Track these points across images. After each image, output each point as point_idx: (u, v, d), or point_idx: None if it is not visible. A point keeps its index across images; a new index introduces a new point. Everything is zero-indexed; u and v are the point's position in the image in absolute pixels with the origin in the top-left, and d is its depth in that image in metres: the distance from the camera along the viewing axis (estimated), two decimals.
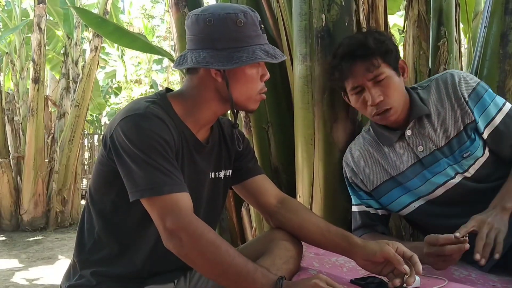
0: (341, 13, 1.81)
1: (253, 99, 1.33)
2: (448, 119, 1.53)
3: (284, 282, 1.12)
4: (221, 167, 1.43)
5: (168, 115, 1.27)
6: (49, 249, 5.04)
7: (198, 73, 1.31)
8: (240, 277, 1.12)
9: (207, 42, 1.26)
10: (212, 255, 1.13)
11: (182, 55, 1.32)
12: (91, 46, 6.45)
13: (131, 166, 1.17)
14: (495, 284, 1.35)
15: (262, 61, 1.27)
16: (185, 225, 1.14)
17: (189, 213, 1.16)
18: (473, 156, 1.50)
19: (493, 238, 1.29)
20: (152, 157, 1.17)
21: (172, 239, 1.14)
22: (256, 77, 1.31)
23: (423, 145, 1.54)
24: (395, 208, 1.62)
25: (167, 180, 1.16)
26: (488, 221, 1.32)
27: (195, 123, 1.33)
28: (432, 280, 1.31)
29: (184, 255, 1.15)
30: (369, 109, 1.54)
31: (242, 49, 1.25)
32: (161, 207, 1.16)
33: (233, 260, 1.13)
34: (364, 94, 1.53)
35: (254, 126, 2.25)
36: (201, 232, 1.14)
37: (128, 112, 1.23)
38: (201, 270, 1.19)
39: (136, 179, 1.17)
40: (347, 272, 1.40)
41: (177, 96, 1.34)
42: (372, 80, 1.51)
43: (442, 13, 2.22)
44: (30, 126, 6.31)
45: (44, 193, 6.42)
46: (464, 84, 1.52)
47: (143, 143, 1.18)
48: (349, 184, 1.69)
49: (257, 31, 1.28)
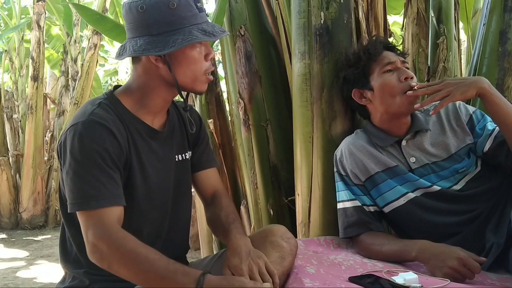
0: (339, 11, 1.81)
1: (199, 80, 1.32)
2: (448, 138, 1.57)
3: (206, 279, 1.12)
4: (186, 148, 1.45)
5: (116, 114, 1.28)
6: (49, 247, 5.03)
7: (140, 62, 1.31)
8: (163, 280, 1.13)
9: (142, 29, 1.25)
10: (132, 263, 1.15)
11: (122, 45, 1.31)
12: (90, 44, 6.43)
13: (67, 178, 1.21)
14: (493, 283, 1.35)
15: (198, 41, 1.25)
16: (105, 237, 1.16)
17: (112, 225, 1.17)
18: (466, 172, 1.56)
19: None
20: (87, 169, 1.19)
21: (94, 252, 1.17)
22: (199, 57, 1.30)
23: (416, 157, 1.58)
24: (385, 200, 1.59)
25: (95, 194, 1.18)
26: None
27: (148, 113, 1.34)
28: (433, 280, 1.30)
29: (106, 267, 1.17)
30: (401, 85, 1.56)
31: (178, 31, 1.23)
32: (86, 220, 1.19)
33: (153, 265, 1.13)
34: (396, 72, 1.59)
35: (252, 124, 2.25)
36: (120, 242, 1.15)
37: (73, 121, 1.25)
38: (125, 279, 1.18)
39: (69, 191, 1.21)
40: (345, 270, 1.40)
41: (125, 91, 1.35)
42: (402, 63, 1.61)
43: (441, 10, 2.22)
44: (29, 124, 6.30)
45: (43, 191, 6.40)
46: (464, 109, 1.60)
47: (81, 154, 1.20)
48: (342, 179, 1.65)
49: (193, 11, 1.26)
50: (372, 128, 1.65)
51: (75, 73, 7.01)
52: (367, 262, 1.47)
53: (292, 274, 1.32)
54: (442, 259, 1.34)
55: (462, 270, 1.31)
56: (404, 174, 1.57)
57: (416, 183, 1.56)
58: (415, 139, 1.60)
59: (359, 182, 1.63)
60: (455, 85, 1.46)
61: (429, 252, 1.40)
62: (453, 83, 1.46)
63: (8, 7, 8.21)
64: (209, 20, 1.31)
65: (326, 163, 1.78)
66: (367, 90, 1.63)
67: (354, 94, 1.67)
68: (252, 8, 2.34)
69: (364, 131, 1.69)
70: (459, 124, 1.58)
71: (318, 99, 1.80)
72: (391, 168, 1.59)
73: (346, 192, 1.63)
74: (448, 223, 1.52)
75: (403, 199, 1.57)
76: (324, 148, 1.79)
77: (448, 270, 1.32)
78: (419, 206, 1.56)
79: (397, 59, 1.61)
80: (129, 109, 1.31)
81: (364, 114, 1.71)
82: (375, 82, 1.61)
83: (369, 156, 1.61)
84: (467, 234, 1.50)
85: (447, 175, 1.55)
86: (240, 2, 2.34)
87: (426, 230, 1.53)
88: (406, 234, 1.59)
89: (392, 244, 1.51)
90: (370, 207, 1.62)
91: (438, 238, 1.47)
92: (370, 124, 1.67)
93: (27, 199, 6.29)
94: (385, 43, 1.70)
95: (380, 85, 1.59)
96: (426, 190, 1.55)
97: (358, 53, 1.68)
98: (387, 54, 1.63)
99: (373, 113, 1.66)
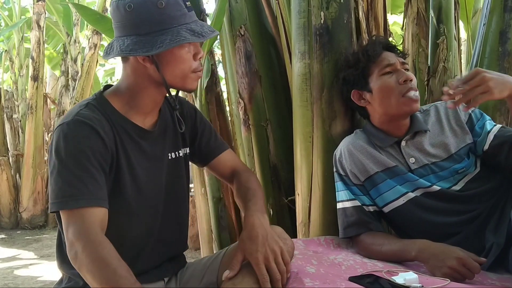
0: (340, 11, 1.81)
1: (189, 78, 1.30)
2: (447, 138, 1.57)
3: None
4: (179, 146, 1.43)
5: (103, 114, 1.27)
6: (48, 247, 5.03)
7: (128, 61, 1.29)
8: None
9: (130, 28, 1.23)
10: (99, 272, 1.10)
11: (109, 44, 1.29)
12: (90, 44, 6.43)
13: (51, 178, 1.20)
14: (493, 283, 1.35)
15: (186, 42, 1.23)
16: (82, 237, 1.13)
17: (91, 227, 1.15)
18: (466, 172, 1.55)
19: None
20: (69, 169, 1.18)
21: (69, 251, 1.15)
22: (187, 57, 1.28)
23: (416, 158, 1.57)
24: (385, 200, 1.59)
25: (75, 193, 1.16)
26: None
27: (138, 113, 1.33)
28: (434, 280, 1.30)
29: (77, 268, 1.14)
30: (400, 88, 1.55)
31: (166, 31, 1.21)
32: (66, 219, 1.17)
33: (117, 281, 1.09)
34: (395, 74, 1.58)
35: (252, 124, 2.25)
36: (94, 247, 1.12)
37: (60, 121, 1.24)
38: (90, 284, 1.14)
39: (51, 191, 1.20)
40: (346, 270, 1.40)
41: (115, 91, 1.33)
42: (402, 65, 1.60)
43: (441, 10, 2.21)
44: (29, 124, 6.30)
45: (44, 191, 6.40)
46: (462, 108, 1.58)
47: (65, 153, 1.19)
48: (341, 179, 1.65)
49: (181, 10, 1.24)
50: (372, 128, 1.65)
51: (75, 73, 7.00)
52: (367, 262, 1.47)
53: (292, 274, 1.32)
54: (441, 259, 1.34)
55: (461, 270, 1.31)
56: (403, 174, 1.57)
57: (415, 183, 1.56)
58: (414, 139, 1.60)
59: (358, 182, 1.62)
60: (493, 80, 1.31)
61: (428, 252, 1.40)
62: (490, 78, 1.31)
63: (8, 7, 8.21)
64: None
65: (326, 163, 1.78)
66: (366, 92, 1.63)
67: (353, 95, 1.67)
68: (252, 8, 2.34)
69: (364, 131, 1.68)
70: (458, 124, 1.58)
71: (318, 99, 1.80)
72: (390, 168, 1.58)
73: (346, 192, 1.63)
74: (448, 223, 1.52)
75: (403, 199, 1.57)
76: (324, 148, 1.79)
77: (447, 270, 1.32)
78: (418, 206, 1.56)
79: (397, 60, 1.61)
80: (118, 110, 1.30)
81: (364, 114, 1.71)
82: (374, 84, 1.61)
83: (368, 156, 1.61)
84: (467, 234, 1.50)
85: (447, 176, 1.55)
86: (240, 2, 2.34)
87: (426, 230, 1.53)
88: (406, 234, 1.58)
89: (392, 244, 1.51)
90: (370, 207, 1.62)
91: (438, 238, 1.46)
92: (370, 124, 1.67)
93: (27, 199, 6.29)
94: (385, 43, 1.69)
95: (379, 87, 1.59)
96: (426, 190, 1.55)
97: (357, 54, 1.68)
98: (387, 55, 1.62)
99: (372, 114, 1.66)
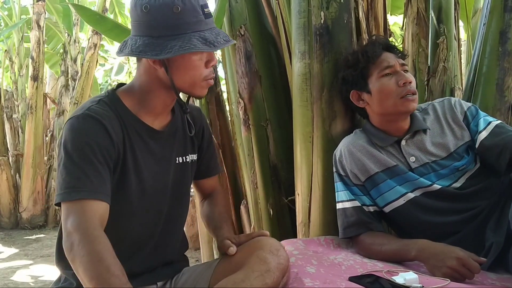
0: (340, 11, 1.80)
1: (199, 86, 1.29)
2: (447, 136, 1.58)
3: None
4: (187, 151, 1.43)
5: (114, 112, 1.27)
6: (48, 247, 5.02)
7: (141, 61, 1.30)
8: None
9: (144, 29, 1.24)
10: (91, 267, 1.08)
11: (125, 40, 1.29)
12: (90, 44, 6.43)
13: (58, 171, 1.21)
14: (493, 283, 1.35)
15: (195, 51, 1.22)
16: (80, 229, 1.12)
17: (91, 220, 1.14)
18: (466, 169, 1.56)
19: None
20: (74, 161, 1.18)
21: (66, 241, 1.14)
22: (199, 64, 1.27)
23: (416, 157, 1.58)
24: (386, 200, 1.59)
25: (78, 185, 1.16)
26: None
27: (148, 113, 1.33)
28: (434, 280, 1.30)
29: (70, 260, 1.13)
30: (399, 90, 1.55)
31: (178, 37, 1.21)
32: (66, 210, 1.16)
33: (110, 278, 1.07)
34: (395, 76, 1.57)
35: (252, 124, 2.25)
36: (91, 240, 1.11)
37: (71, 115, 1.25)
38: (80, 278, 1.12)
39: (56, 184, 1.21)
40: (346, 270, 1.40)
41: (127, 90, 1.34)
42: (401, 66, 1.60)
43: (441, 10, 2.21)
44: (29, 124, 6.29)
45: (43, 191, 6.40)
46: (459, 106, 1.61)
47: (72, 146, 1.19)
48: (341, 179, 1.65)
49: (198, 17, 1.23)
50: (372, 128, 1.65)
51: (75, 73, 7.00)
52: (367, 262, 1.47)
53: (292, 274, 1.32)
54: (441, 259, 1.34)
55: (461, 270, 1.31)
56: (404, 173, 1.57)
57: (416, 182, 1.56)
58: (414, 138, 1.60)
59: (359, 182, 1.62)
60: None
61: (428, 252, 1.40)
62: None
63: (8, 7, 8.21)
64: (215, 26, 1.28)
65: (326, 163, 1.78)
66: (365, 93, 1.63)
67: (352, 96, 1.67)
68: (252, 8, 2.34)
69: (364, 131, 1.68)
70: (456, 122, 1.59)
71: (318, 99, 1.80)
72: (390, 168, 1.58)
73: (346, 192, 1.63)
74: (448, 222, 1.52)
75: (403, 199, 1.57)
76: (324, 148, 1.79)
77: (447, 270, 1.32)
78: (418, 206, 1.56)
79: (396, 61, 1.60)
80: (129, 108, 1.31)
81: (363, 115, 1.71)
82: (373, 85, 1.60)
83: (368, 156, 1.61)
84: (467, 233, 1.50)
85: (447, 173, 1.55)
86: (240, 2, 2.34)
87: (426, 229, 1.53)
88: (406, 233, 1.58)
89: (391, 244, 1.51)
90: (370, 207, 1.62)
91: (438, 237, 1.47)
92: (370, 124, 1.67)
93: (27, 199, 6.29)
94: (385, 43, 1.69)
95: (378, 89, 1.59)
96: (426, 189, 1.55)
97: (356, 54, 1.67)
98: (386, 56, 1.62)
99: (371, 115, 1.66)
